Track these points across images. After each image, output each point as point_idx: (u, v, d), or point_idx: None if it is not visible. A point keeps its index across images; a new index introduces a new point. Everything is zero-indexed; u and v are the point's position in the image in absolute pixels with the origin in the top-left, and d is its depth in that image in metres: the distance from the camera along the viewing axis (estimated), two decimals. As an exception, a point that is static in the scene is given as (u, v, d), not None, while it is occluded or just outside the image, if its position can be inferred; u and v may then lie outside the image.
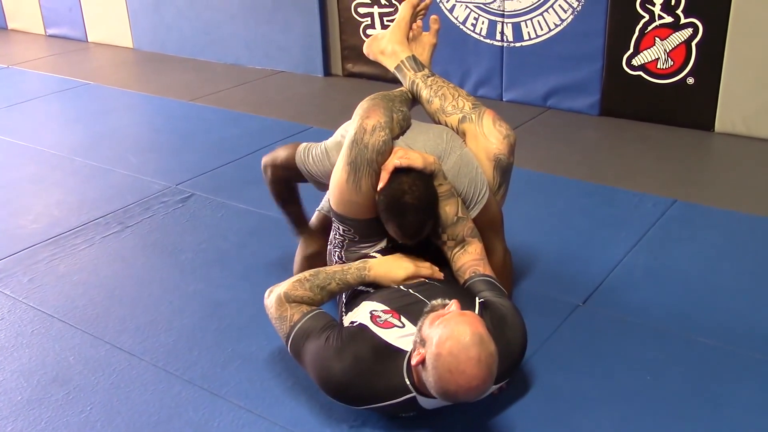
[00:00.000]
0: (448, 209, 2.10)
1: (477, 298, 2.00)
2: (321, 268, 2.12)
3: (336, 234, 2.23)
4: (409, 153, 2.07)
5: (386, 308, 1.96)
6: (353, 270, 2.08)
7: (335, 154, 2.20)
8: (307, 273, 2.09)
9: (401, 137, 2.19)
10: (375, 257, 2.14)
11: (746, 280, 2.61)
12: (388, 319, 1.92)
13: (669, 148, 3.79)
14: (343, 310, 2.12)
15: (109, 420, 2.03)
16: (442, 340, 1.69)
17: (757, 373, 2.15)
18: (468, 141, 2.26)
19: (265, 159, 2.40)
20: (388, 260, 2.11)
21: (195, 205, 3.29)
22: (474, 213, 2.20)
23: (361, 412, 1.96)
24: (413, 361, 1.76)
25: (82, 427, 2.02)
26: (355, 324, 1.94)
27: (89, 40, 6.30)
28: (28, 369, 2.26)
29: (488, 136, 2.24)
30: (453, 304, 1.79)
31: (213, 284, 2.67)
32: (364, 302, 2.02)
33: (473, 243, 2.13)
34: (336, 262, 2.22)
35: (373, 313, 1.95)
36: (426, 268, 2.11)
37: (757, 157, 3.65)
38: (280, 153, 2.36)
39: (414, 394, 1.83)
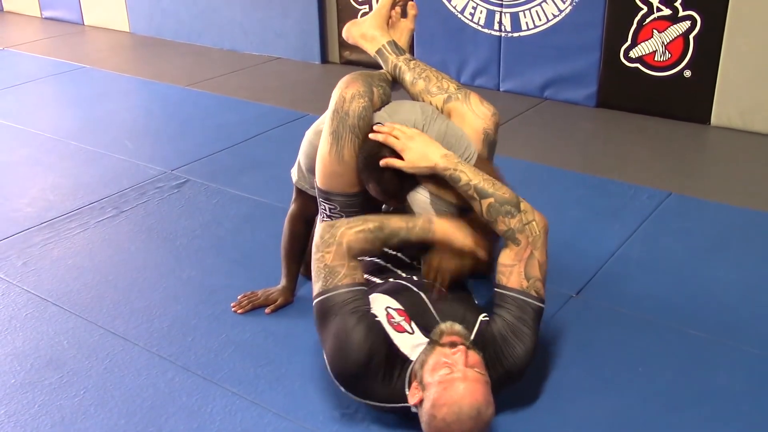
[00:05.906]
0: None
1: (480, 317, 1.99)
2: (385, 220, 2.06)
3: (323, 217, 2.23)
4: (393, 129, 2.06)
5: (400, 308, 1.97)
6: (418, 230, 2.05)
7: (316, 138, 2.20)
8: (370, 223, 2.04)
9: (383, 109, 2.19)
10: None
11: (739, 273, 2.62)
12: (401, 323, 1.93)
13: (665, 141, 3.79)
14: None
15: (102, 404, 2.04)
16: (439, 404, 1.70)
17: (748, 365, 2.16)
18: (453, 119, 2.24)
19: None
20: (453, 226, 2.06)
21: (190, 191, 3.28)
22: None
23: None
24: (411, 400, 1.79)
25: (75, 410, 2.02)
26: (376, 318, 1.93)
27: (85, 23, 6.27)
28: (21, 352, 2.26)
29: (476, 112, 2.24)
30: (459, 352, 1.75)
31: (207, 270, 2.67)
32: (377, 295, 2.02)
33: (509, 247, 2.02)
34: None
35: (389, 311, 1.95)
36: (482, 251, 2.07)
37: (752, 151, 3.65)
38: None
39: (410, 404, 1.83)
